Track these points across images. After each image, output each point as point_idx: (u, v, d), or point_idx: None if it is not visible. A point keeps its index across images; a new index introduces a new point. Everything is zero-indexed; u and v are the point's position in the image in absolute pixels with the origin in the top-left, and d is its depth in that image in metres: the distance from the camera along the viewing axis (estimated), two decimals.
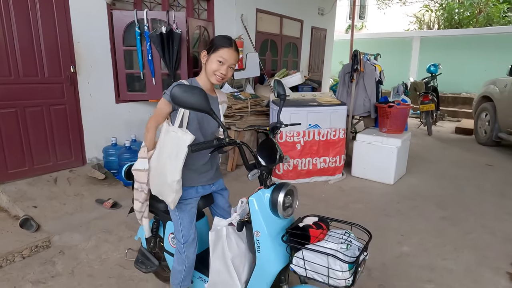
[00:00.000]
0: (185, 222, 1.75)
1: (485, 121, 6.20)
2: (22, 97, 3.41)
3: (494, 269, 2.49)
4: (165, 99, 1.69)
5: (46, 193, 3.42)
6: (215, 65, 1.67)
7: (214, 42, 1.71)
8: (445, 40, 10.93)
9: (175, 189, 1.62)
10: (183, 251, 1.74)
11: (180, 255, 1.76)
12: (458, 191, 4.00)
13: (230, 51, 1.67)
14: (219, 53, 1.66)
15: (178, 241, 1.76)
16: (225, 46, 1.67)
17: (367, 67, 4.71)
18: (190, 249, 1.75)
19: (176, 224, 1.77)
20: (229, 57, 1.67)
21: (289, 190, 1.55)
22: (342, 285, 1.36)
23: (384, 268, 2.48)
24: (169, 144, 1.64)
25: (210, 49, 1.70)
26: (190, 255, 1.75)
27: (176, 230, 1.77)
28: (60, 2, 3.53)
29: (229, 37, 1.73)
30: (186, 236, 1.74)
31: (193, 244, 1.76)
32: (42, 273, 2.38)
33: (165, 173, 1.64)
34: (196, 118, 1.72)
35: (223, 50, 1.66)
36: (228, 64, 1.68)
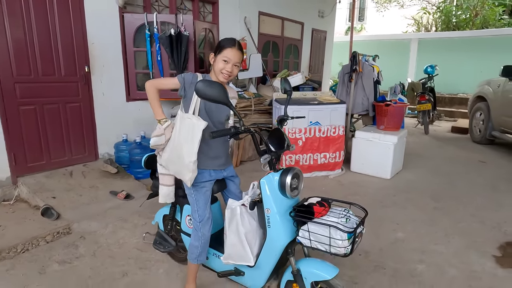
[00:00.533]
0: (201, 203, 1.97)
1: (480, 120, 6.43)
2: (41, 94, 3.62)
3: (481, 252, 2.70)
4: (178, 79, 1.90)
5: (63, 185, 3.63)
6: (221, 64, 1.89)
7: (219, 44, 1.93)
8: (442, 42, 11.18)
9: (192, 169, 1.83)
10: (199, 229, 1.96)
11: (196, 232, 1.97)
12: (451, 185, 4.22)
13: (234, 50, 1.88)
14: (224, 53, 1.88)
15: (195, 220, 1.98)
16: (229, 46, 1.88)
17: (366, 67, 4.93)
18: (205, 227, 1.96)
19: (193, 205, 1.98)
20: (233, 56, 1.88)
21: (295, 174, 1.77)
22: (342, 252, 1.58)
23: (380, 252, 2.70)
24: (185, 129, 1.85)
25: (217, 51, 1.92)
26: (206, 232, 1.97)
27: (193, 210, 1.99)
28: (76, 6, 3.75)
29: (233, 38, 1.95)
30: (201, 216, 1.96)
31: (208, 222, 1.98)
32: (66, 254, 2.59)
33: (182, 155, 1.85)
34: (204, 108, 1.92)
35: (227, 50, 1.88)
36: (232, 62, 1.89)
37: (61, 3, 3.62)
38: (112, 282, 2.28)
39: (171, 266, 2.46)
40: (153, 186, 2.39)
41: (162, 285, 2.26)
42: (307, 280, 1.77)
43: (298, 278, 1.78)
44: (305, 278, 1.77)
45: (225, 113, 2.04)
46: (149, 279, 2.32)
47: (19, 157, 3.55)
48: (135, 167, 4.19)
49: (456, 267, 2.51)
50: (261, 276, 1.90)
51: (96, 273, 2.37)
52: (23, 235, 2.80)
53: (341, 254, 1.60)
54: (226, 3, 5.62)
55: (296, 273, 1.78)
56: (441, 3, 14.25)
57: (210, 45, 5.40)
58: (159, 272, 2.39)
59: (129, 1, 4.28)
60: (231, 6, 5.74)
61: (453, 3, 14.00)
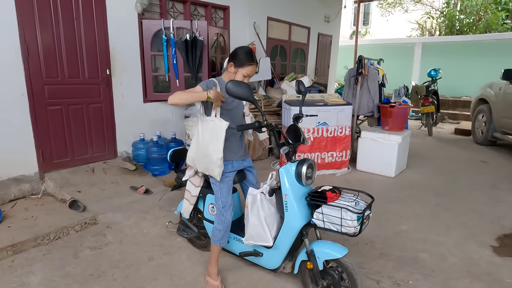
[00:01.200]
0: (224, 191, 2.20)
1: (482, 122, 6.61)
2: (66, 96, 3.88)
3: (480, 243, 2.90)
4: (201, 87, 2.06)
5: (86, 181, 3.88)
6: (241, 77, 2.13)
7: (240, 58, 2.11)
8: (446, 46, 11.37)
9: (219, 164, 2.06)
10: (222, 214, 2.19)
11: (219, 217, 2.20)
12: (453, 183, 4.41)
13: (254, 67, 2.14)
14: (245, 69, 2.12)
15: (218, 206, 2.20)
16: (251, 63, 2.12)
17: (371, 71, 5.15)
18: (227, 212, 2.19)
19: (217, 193, 2.21)
20: (252, 72, 2.15)
21: (310, 164, 2.00)
22: (352, 231, 1.80)
23: (385, 242, 2.91)
24: (209, 131, 2.08)
25: (236, 63, 2.12)
26: (228, 217, 2.19)
27: (216, 198, 2.22)
28: (100, 13, 4.01)
29: (251, 53, 2.15)
30: (224, 202, 2.19)
31: (230, 208, 2.20)
32: (96, 241, 2.83)
33: (209, 153, 2.08)
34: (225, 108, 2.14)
35: (249, 67, 2.12)
36: (250, 76, 2.16)
37: (86, 11, 3.88)
38: (140, 264, 2.51)
39: (193, 252, 2.69)
40: (177, 178, 2.62)
41: (185, 268, 2.48)
42: (319, 259, 1.99)
43: (311, 257, 2.00)
44: (318, 257, 1.99)
45: (242, 110, 2.30)
46: (173, 263, 2.54)
47: (46, 154, 3.80)
48: (152, 164, 4.43)
49: (456, 255, 2.71)
50: (278, 257, 2.12)
51: (125, 257, 2.60)
52: (54, 224, 3.03)
53: (350, 233, 1.82)
54: (236, 9, 5.88)
55: (309, 253, 2.00)
56: (444, 8, 14.45)
57: (220, 49, 5.65)
58: (182, 257, 2.61)
59: (147, 8, 4.54)
60: (241, 12, 6.00)
61: (456, 8, 14.20)
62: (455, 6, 14.39)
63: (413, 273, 2.45)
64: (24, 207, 3.36)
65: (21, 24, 3.40)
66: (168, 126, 5.00)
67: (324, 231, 2.07)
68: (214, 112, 2.11)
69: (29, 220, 3.09)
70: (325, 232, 2.13)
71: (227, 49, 5.78)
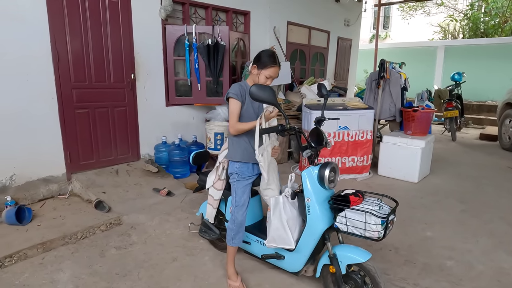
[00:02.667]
0: (239, 190, 2.22)
1: (509, 127, 6.39)
2: (93, 99, 4.01)
3: (509, 252, 2.80)
4: (234, 99, 2.13)
5: (111, 182, 3.98)
6: (263, 79, 2.16)
7: (263, 60, 2.16)
8: (469, 49, 11.08)
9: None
10: (234, 213, 2.22)
11: (231, 216, 2.24)
12: (479, 189, 4.28)
13: (276, 69, 2.17)
14: (268, 71, 2.14)
15: (232, 205, 2.24)
16: (272, 65, 2.15)
17: (393, 74, 5.08)
18: (239, 212, 2.21)
19: (233, 192, 2.25)
20: (274, 74, 2.17)
21: (332, 168, 2.00)
22: (376, 236, 1.78)
23: (410, 248, 2.85)
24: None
25: (260, 65, 2.16)
26: (239, 216, 2.21)
27: (232, 196, 2.26)
28: (125, 20, 4.14)
29: (273, 54, 2.19)
30: (238, 201, 2.22)
31: (242, 208, 2.22)
32: (121, 241, 2.90)
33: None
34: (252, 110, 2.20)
35: (271, 69, 2.14)
36: (272, 77, 2.18)
37: (113, 18, 4.01)
38: (164, 265, 2.55)
39: (215, 254, 2.71)
40: (200, 180, 2.67)
41: (208, 269, 2.51)
42: (342, 264, 1.97)
43: (334, 261, 1.98)
44: (340, 261, 1.97)
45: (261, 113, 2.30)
46: (196, 264, 2.57)
47: (73, 155, 3.93)
48: (173, 167, 4.50)
49: (484, 264, 2.62)
50: (300, 260, 2.11)
51: (149, 257, 2.65)
52: (81, 224, 3.13)
53: (374, 238, 1.80)
54: (257, 14, 5.93)
55: (332, 256, 1.99)
56: (468, 10, 14.09)
57: (241, 54, 5.71)
58: (205, 259, 2.64)
59: (171, 14, 4.65)
60: (261, 16, 6.05)
61: (481, 10, 13.82)
62: (479, 8, 14.01)
63: (440, 281, 2.38)
64: (52, 207, 3.48)
65: (52, 32, 3.55)
66: (189, 130, 5.08)
67: (346, 236, 2.05)
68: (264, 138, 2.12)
69: (57, 219, 3.20)
70: (347, 236, 2.12)
71: (247, 53, 5.83)
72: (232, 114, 2.14)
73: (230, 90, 2.17)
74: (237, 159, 2.24)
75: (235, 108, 2.13)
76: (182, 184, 4.19)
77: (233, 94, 2.14)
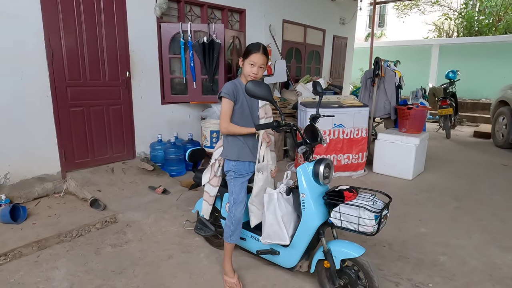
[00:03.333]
0: (237, 188, 2.23)
1: (502, 125, 6.45)
2: (88, 97, 3.99)
3: (502, 248, 2.83)
4: (226, 98, 2.12)
5: (106, 180, 3.97)
6: (248, 67, 2.15)
7: (246, 49, 2.19)
8: (464, 47, 11.16)
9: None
10: (232, 210, 2.22)
11: (229, 213, 2.24)
12: (473, 186, 4.32)
13: (258, 55, 2.13)
14: (250, 58, 2.14)
15: (230, 202, 2.24)
16: (254, 51, 2.13)
17: (388, 72, 5.11)
18: (237, 209, 2.22)
19: (230, 189, 2.25)
20: (257, 60, 2.13)
21: (327, 164, 2.01)
22: (369, 231, 1.80)
23: (404, 244, 2.87)
24: None
25: (245, 55, 2.18)
26: (237, 213, 2.22)
27: (229, 194, 2.26)
28: (120, 18, 4.13)
29: (258, 43, 2.19)
30: (235, 198, 2.23)
31: (240, 205, 2.23)
32: (117, 239, 2.90)
33: None
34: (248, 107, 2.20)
35: (253, 55, 2.13)
36: (257, 65, 2.14)
37: (108, 15, 4.00)
38: (160, 262, 2.55)
39: (211, 251, 2.72)
40: (195, 177, 2.67)
41: (204, 266, 2.52)
42: (336, 259, 1.99)
43: (328, 256, 2.00)
44: (334, 256, 1.99)
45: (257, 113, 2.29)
46: (192, 261, 2.58)
47: (68, 154, 3.91)
48: (169, 165, 4.50)
49: (477, 259, 2.66)
50: (295, 255, 2.13)
51: (145, 255, 2.66)
52: (76, 222, 3.12)
53: (368, 232, 1.82)
54: (252, 12, 5.93)
55: (327, 252, 2.00)
56: (463, 9, 14.18)
57: (236, 52, 5.71)
58: (201, 256, 2.65)
59: (166, 12, 4.64)
60: (257, 14, 6.05)
61: (475, 9, 13.92)
62: (473, 7, 14.10)
63: (433, 276, 2.41)
64: (47, 205, 3.47)
65: (46, 29, 3.53)
66: (185, 128, 5.08)
67: (340, 231, 2.07)
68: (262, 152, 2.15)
69: (52, 217, 3.19)
70: (342, 232, 2.14)
71: (243, 51, 5.83)
72: (223, 115, 2.13)
73: (223, 89, 2.15)
74: (233, 158, 2.24)
75: (227, 108, 2.12)
76: (177, 182, 4.19)
77: (225, 94, 2.13)
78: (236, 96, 2.15)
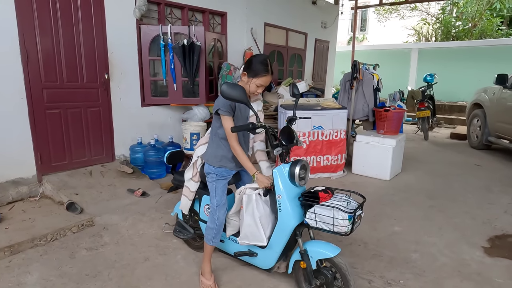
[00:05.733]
0: (219, 190, 2.24)
1: (477, 127, 6.68)
2: (65, 99, 3.92)
3: (471, 244, 2.94)
4: (225, 116, 2.05)
5: (84, 183, 3.91)
6: (254, 88, 2.11)
7: (254, 68, 2.05)
8: (442, 51, 11.49)
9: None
10: (216, 212, 2.23)
11: (212, 216, 2.24)
12: (447, 186, 4.46)
13: (268, 78, 2.09)
14: (260, 80, 2.08)
15: (212, 205, 2.25)
16: (265, 74, 2.07)
17: (366, 75, 5.23)
18: (221, 211, 2.23)
19: (212, 192, 2.25)
20: (266, 83, 2.09)
21: (303, 165, 2.05)
22: (343, 231, 1.84)
23: (378, 243, 2.95)
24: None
25: (250, 73, 2.07)
26: (221, 216, 2.23)
27: (211, 196, 2.26)
28: (98, 19, 4.08)
29: (266, 61, 2.07)
30: (218, 201, 2.23)
31: (223, 208, 2.24)
32: (92, 242, 2.86)
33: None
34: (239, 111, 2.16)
35: (264, 78, 2.07)
36: (264, 86, 2.12)
37: (86, 16, 3.95)
38: (136, 265, 2.54)
39: (188, 253, 2.72)
40: (174, 179, 2.67)
41: (180, 268, 2.52)
42: (313, 259, 2.03)
43: (305, 257, 2.04)
44: (311, 257, 2.03)
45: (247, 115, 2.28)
46: (168, 263, 2.58)
47: (45, 157, 3.83)
48: (149, 167, 4.47)
49: (447, 256, 2.75)
50: (272, 256, 2.16)
51: (121, 258, 2.63)
52: (51, 226, 3.07)
53: (342, 232, 1.86)
54: (234, 15, 5.96)
55: (303, 252, 2.04)
56: (440, 14, 14.63)
57: (218, 54, 5.72)
58: (177, 258, 2.65)
59: (145, 14, 4.61)
60: (238, 17, 6.09)
61: (452, 14, 14.37)
62: (450, 12, 14.57)
63: (404, 273, 2.49)
64: (22, 209, 3.39)
65: (21, 29, 3.46)
66: (165, 130, 5.05)
67: (317, 232, 2.11)
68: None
69: (26, 222, 3.12)
70: (318, 232, 2.18)
71: (225, 54, 5.85)
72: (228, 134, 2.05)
73: (220, 106, 2.04)
74: (214, 165, 2.23)
75: (230, 125, 2.03)
76: (157, 185, 4.17)
77: (224, 112, 2.03)
78: (234, 109, 2.10)
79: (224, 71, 5.31)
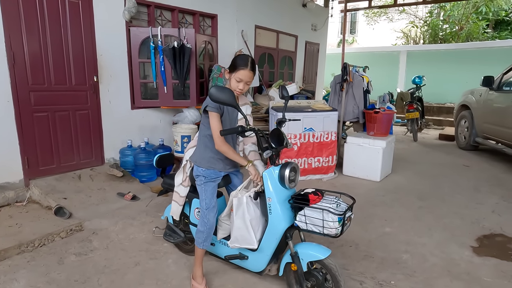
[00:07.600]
0: (208, 193, 2.23)
1: (464, 128, 6.79)
2: (53, 102, 3.87)
3: (460, 244, 2.98)
4: (213, 112, 2.06)
5: (72, 188, 3.85)
6: (235, 83, 2.13)
7: (235, 63, 2.12)
8: (430, 54, 11.67)
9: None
10: (206, 215, 2.21)
11: (203, 219, 2.23)
12: (436, 186, 4.52)
13: (245, 71, 2.09)
14: (237, 74, 2.10)
15: (202, 207, 2.23)
16: (242, 67, 2.10)
17: (356, 78, 5.27)
18: (211, 214, 2.22)
19: (201, 195, 2.24)
20: (244, 77, 2.10)
21: (293, 168, 2.05)
22: (333, 233, 1.85)
23: (369, 243, 2.96)
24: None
25: (231, 68, 2.14)
26: (211, 218, 2.22)
27: (201, 199, 2.24)
28: (87, 21, 4.04)
29: (246, 58, 2.13)
30: (208, 204, 2.22)
31: (213, 210, 2.23)
32: (82, 248, 2.81)
33: None
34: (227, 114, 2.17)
35: (240, 72, 2.09)
36: (244, 81, 2.12)
37: (74, 18, 3.90)
38: (126, 269, 2.50)
39: (179, 257, 2.70)
40: (164, 183, 2.65)
41: (171, 272, 2.49)
42: (303, 261, 2.03)
43: (295, 259, 2.03)
44: (302, 259, 2.03)
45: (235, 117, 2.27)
46: (159, 267, 2.55)
47: (32, 161, 3.77)
48: (139, 171, 4.42)
49: (437, 256, 2.78)
50: (263, 259, 2.15)
51: (111, 263, 2.60)
52: (39, 231, 3.01)
53: (332, 234, 1.87)
54: (224, 18, 5.96)
55: (294, 254, 2.04)
56: (428, 18, 14.87)
57: (209, 57, 5.71)
58: (168, 262, 2.62)
59: (135, 16, 4.58)
60: (229, 20, 6.09)
61: (439, 18, 14.62)
62: (438, 15, 14.82)
63: (395, 274, 2.50)
64: (8, 215, 3.32)
65: (7, 31, 3.40)
66: (156, 133, 5.01)
67: (308, 234, 2.11)
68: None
69: (13, 227, 3.06)
70: (310, 234, 2.18)
71: (215, 56, 5.85)
72: (215, 131, 2.05)
73: (208, 103, 2.06)
74: (204, 167, 2.23)
75: (216, 123, 2.05)
76: (148, 188, 4.13)
77: (211, 108, 2.05)
78: (222, 108, 2.11)
79: (215, 73, 5.30)
